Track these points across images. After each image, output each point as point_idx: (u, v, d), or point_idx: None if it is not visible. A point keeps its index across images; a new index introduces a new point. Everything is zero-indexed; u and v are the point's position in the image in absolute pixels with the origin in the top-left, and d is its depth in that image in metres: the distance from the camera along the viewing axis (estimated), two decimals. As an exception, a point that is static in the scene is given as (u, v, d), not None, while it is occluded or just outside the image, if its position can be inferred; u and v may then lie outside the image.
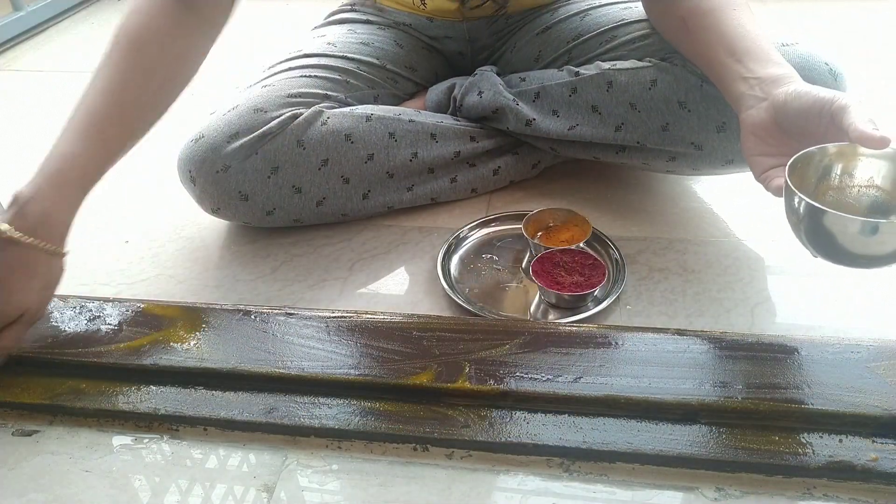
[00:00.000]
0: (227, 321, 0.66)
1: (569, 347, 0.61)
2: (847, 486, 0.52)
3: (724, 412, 0.55)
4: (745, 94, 0.63)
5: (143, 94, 0.66)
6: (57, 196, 0.60)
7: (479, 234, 0.83)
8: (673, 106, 0.78)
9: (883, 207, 0.55)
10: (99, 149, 0.63)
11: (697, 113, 0.78)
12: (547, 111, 0.85)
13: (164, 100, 0.70)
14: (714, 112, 0.77)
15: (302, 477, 0.55)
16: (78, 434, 0.60)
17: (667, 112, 0.79)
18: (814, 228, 0.52)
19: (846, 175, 0.56)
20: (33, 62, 1.50)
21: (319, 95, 0.84)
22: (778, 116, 0.60)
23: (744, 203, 0.87)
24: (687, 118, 0.78)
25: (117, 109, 0.65)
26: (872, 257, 0.51)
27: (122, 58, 0.66)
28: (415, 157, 0.85)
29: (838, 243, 0.51)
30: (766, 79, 0.62)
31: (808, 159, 0.55)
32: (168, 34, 0.68)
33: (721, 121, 0.77)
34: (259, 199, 0.80)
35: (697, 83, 0.77)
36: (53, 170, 0.61)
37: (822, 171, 0.56)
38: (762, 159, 0.61)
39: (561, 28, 0.90)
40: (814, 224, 0.52)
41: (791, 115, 0.58)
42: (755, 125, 0.61)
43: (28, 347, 0.64)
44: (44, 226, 0.59)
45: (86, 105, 0.64)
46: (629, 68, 0.81)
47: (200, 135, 0.79)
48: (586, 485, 0.53)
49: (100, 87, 0.65)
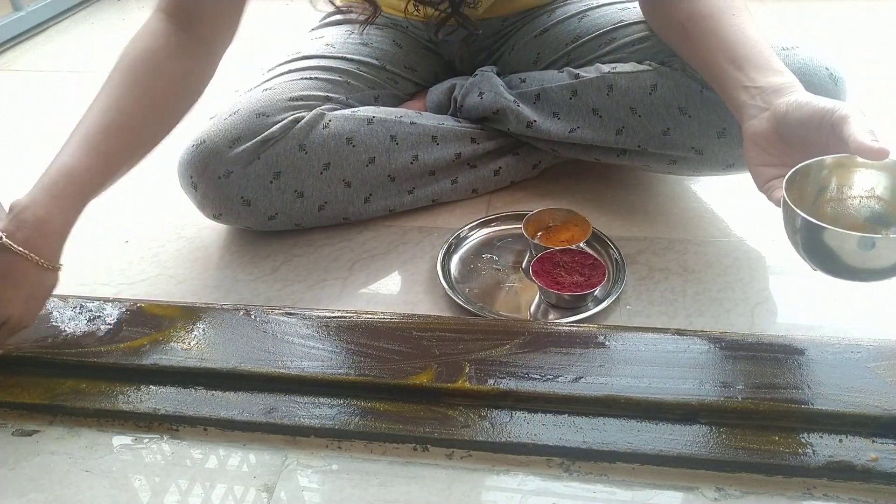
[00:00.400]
0: (227, 321, 0.66)
1: (569, 347, 0.61)
2: (847, 486, 0.52)
3: (724, 412, 0.55)
4: (747, 104, 0.62)
5: (144, 112, 0.67)
6: (53, 206, 0.60)
7: (479, 234, 0.83)
8: (673, 111, 0.78)
9: (883, 219, 0.55)
10: (97, 163, 0.63)
11: (698, 119, 0.78)
12: (548, 113, 0.85)
13: (166, 120, 0.70)
14: (715, 117, 0.77)
15: (302, 477, 0.55)
16: (78, 434, 0.60)
17: (667, 117, 0.79)
18: (812, 244, 0.52)
19: (846, 186, 0.56)
20: (33, 62, 1.50)
21: (321, 98, 0.84)
22: (779, 127, 0.59)
23: (744, 203, 0.86)
24: (688, 124, 0.78)
25: (116, 126, 0.65)
26: (872, 271, 0.51)
27: (122, 78, 0.67)
28: (416, 159, 0.85)
29: (837, 258, 0.51)
30: (766, 88, 0.62)
31: (807, 172, 0.55)
32: (168, 56, 0.68)
33: (722, 126, 0.77)
34: (261, 205, 0.80)
35: (698, 88, 0.77)
36: (51, 181, 0.61)
37: (822, 183, 0.56)
38: (765, 169, 0.61)
39: (559, 30, 0.90)
40: (812, 240, 0.52)
41: (792, 126, 0.58)
42: (757, 135, 0.61)
43: (28, 347, 0.64)
44: (38, 235, 0.59)
45: (87, 121, 0.64)
46: (629, 72, 0.80)
47: (202, 139, 0.79)
48: (586, 485, 0.53)
49: (101, 104, 0.65)
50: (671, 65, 0.79)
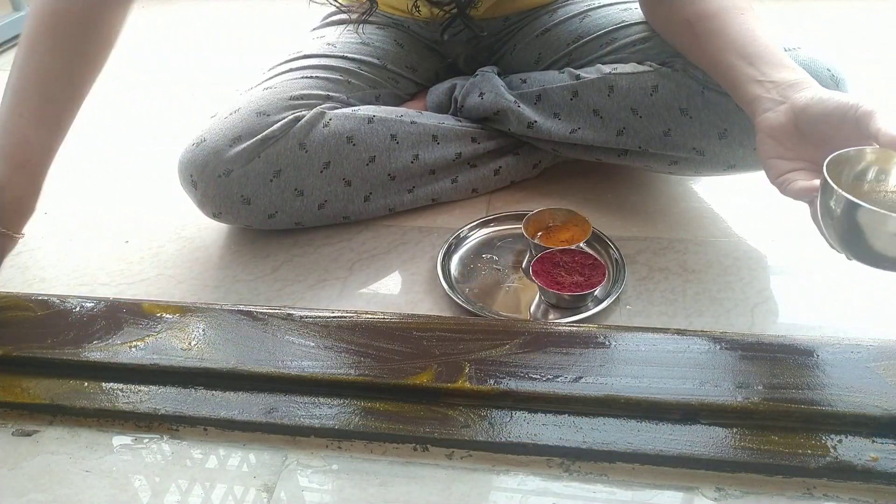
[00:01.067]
0: (227, 321, 0.66)
1: (569, 347, 0.61)
2: (847, 486, 0.52)
3: (724, 412, 0.55)
4: (762, 97, 0.62)
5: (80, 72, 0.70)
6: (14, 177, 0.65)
7: (479, 234, 0.83)
8: (674, 112, 0.78)
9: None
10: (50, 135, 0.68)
11: (699, 119, 0.78)
12: (548, 113, 0.85)
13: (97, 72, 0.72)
14: (716, 119, 0.77)
15: (302, 477, 0.55)
16: (78, 434, 0.60)
17: (668, 118, 0.79)
18: (853, 227, 0.50)
19: (879, 180, 0.55)
20: (33, 62, 1.49)
21: (321, 97, 0.84)
22: (798, 121, 0.59)
23: (744, 203, 0.87)
24: (689, 125, 0.78)
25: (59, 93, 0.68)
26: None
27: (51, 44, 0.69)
28: (416, 158, 0.85)
29: (878, 243, 0.50)
30: (781, 83, 0.62)
31: (844, 160, 0.54)
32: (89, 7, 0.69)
33: (723, 127, 0.77)
34: (261, 203, 0.80)
35: (699, 89, 0.77)
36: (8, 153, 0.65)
37: (858, 173, 0.55)
38: (779, 162, 0.61)
39: (560, 30, 0.90)
40: (854, 223, 0.50)
41: (812, 120, 0.58)
42: (773, 128, 0.61)
43: (28, 347, 0.64)
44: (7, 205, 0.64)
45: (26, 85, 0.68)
46: (630, 73, 0.80)
47: (202, 138, 0.79)
48: (586, 485, 0.53)
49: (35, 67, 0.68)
50: (672, 65, 0.79)
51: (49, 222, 0.92)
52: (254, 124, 0.79)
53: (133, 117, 1.22)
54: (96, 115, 1.22)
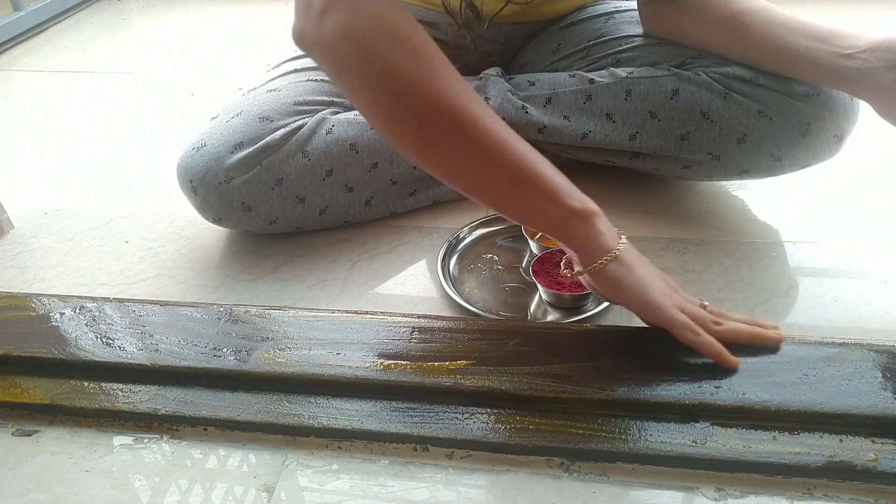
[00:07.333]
0: (226, 321, 0.66)
1: (568, 347, 0.60)
2: (847, 486, 0.52)
3: (724, 412, 0.55)
4: (859, 69, 0.62)
5: None
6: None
7: (479, 234, 0.83)
8: (695, 116, 0.78)
9: None
10: None
11: (720, 124, 0.77)
12: (558, 116, 0.85)
13: None
14: (737, 123, 0.77)
15: (302, 477, 0.55)
16: (78, 434, 0.60)
17: (688, 122, 0.79)
18: None
19: None
20: (33, 62, 1.50)
21: (325, 102, 0.84)
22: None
23: (744, 203, 0.87)
24: (708, 129, 0.78)
25: None
26: None
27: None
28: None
29: None
30: (872, 48, 0.62)
31: None
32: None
33: (742, 132, 0.77)
34: (262, 210, 0.79)
35: (722, 93, 0.77)
36: None
37: None
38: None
39: (585, 26, 0.90)
40: None
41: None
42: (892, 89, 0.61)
43: (28, 347, 0.64)
44: None
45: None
46: (648, 77, 0.80)
47: (202, 143, 0.78)
48: (586, 485, 0.53)
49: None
50: (692, 69, 0.79)
51: (49, 222, 0.92)
52: (256, 130, 0.78)
53: (133, 117, 1.22)
54: (96, 115, 1.22)
